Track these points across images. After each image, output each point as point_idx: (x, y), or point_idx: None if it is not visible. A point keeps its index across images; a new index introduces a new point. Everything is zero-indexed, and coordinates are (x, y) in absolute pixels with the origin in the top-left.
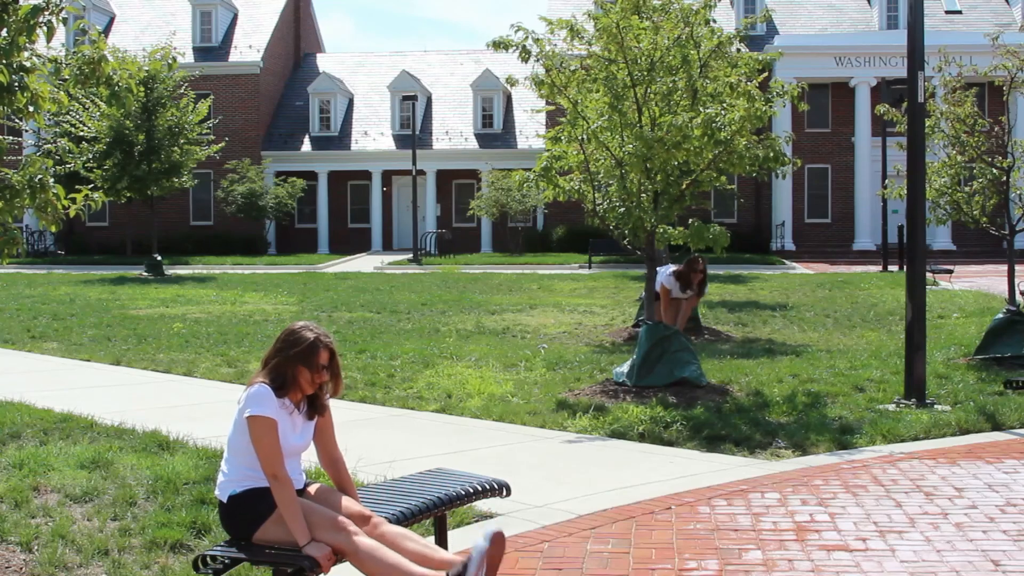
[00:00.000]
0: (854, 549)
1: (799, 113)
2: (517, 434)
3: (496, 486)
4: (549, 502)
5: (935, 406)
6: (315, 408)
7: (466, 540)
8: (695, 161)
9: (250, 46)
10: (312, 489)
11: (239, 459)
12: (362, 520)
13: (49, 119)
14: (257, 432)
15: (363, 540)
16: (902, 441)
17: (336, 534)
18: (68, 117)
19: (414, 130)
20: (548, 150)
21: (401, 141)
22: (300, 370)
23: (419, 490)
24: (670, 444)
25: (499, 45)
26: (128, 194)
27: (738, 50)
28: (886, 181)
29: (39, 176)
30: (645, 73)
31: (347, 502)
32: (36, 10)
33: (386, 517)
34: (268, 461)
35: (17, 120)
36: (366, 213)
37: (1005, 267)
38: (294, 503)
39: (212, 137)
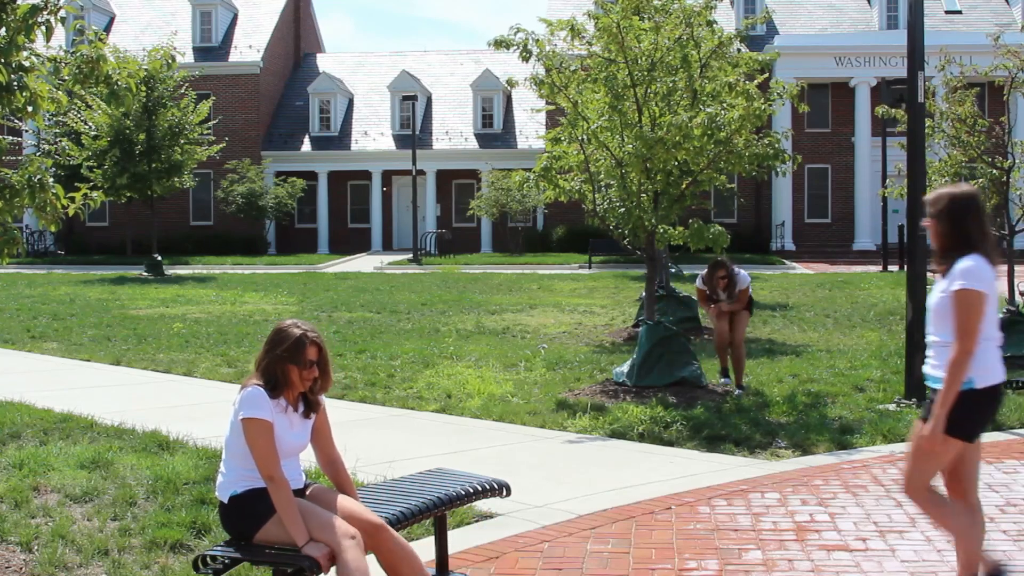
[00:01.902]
0: (854, 549)
1: (799, 113)
2: (517, 434)
3: (496, 486)
4: (549, 502)
5: None
6: (310, 406)
7: (466, 540)
8: (695, 161)
9: (250, 46)
10: (310, 490)
11: (237, 461)
12: (370, 527)
13: (49, 119)
14: (252, 435)
15: (351, 553)
16: (902, 441)
17: (332, 535)
18: (68, 116)
19: (414, 130)
20: (548, 151)
21: (401, 141)
22: (289, 368)
23: (419, 490)
24: (670, 444)
25: (500, 44)
26: (128, 194)
27: (738, 50)
28: (886, 181)
29: (39, 176)
30: (645, 73)
31: (350, 504)
32: (35, 9)
33: (386, 517)
34: (264, 463)
35: (16, 120)
36: (366, 213)
37: (1005, 267)
38: (291, 504)
39: (212, 137)
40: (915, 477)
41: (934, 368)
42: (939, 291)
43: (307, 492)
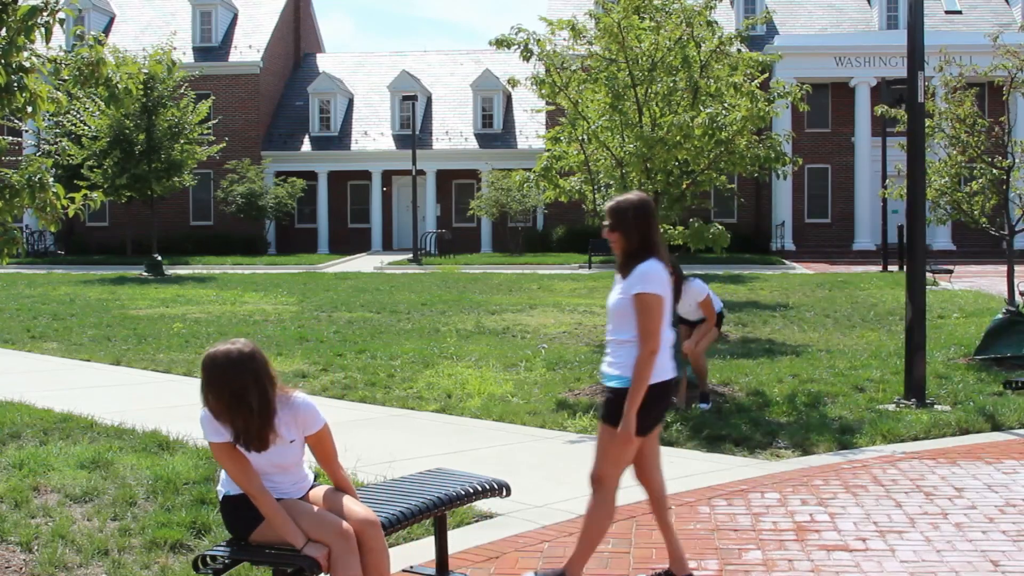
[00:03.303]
0: (854, 549)
1: (799, 113)
2: (517, 434)
3: (496, 486)
4: (549, 502)
5: (935, 406)
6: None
7: (466, 540)
8: (695, 161)
9: (250, 46)
10: (318, 492)
11: None
12: (362, 523)
13: (48, 119)
14: (216, 456)
15: (344, 557)
16: (902, 441)
17: (329, 535)
18: (68, 116)
19: (414, 130)
20: (548, 150)
21: (401, 141)
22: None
23: (419, 490)
24: (670, 444)
25: (501, 43)
26: (128, 194)
27: (738, 50)
28: (886, 181)
29: (39, 176)
30: (646, 73)
31: (350, 504)
32: (34, 11)
33: (387, 517)
34: (237, 482)
35: (16, 120)
36: (366, 213)
37: (1005, 267)
38: (278, 513)
39: (212, 137)
40: (609, 473)
41: (611, 366)
42: (618, 293)
43: (313, 493)
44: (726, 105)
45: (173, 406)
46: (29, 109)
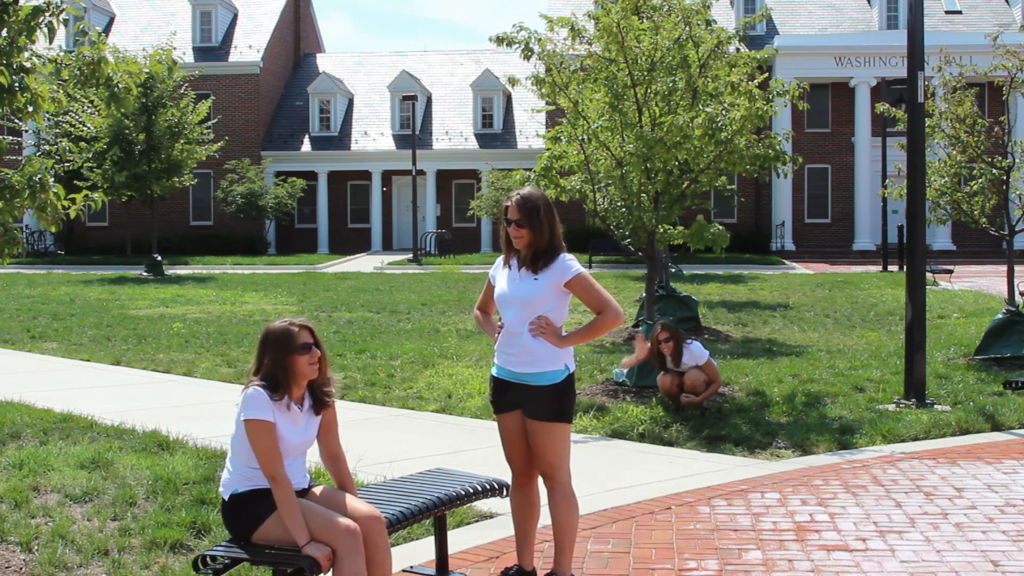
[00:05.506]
0: (854, 549)
1: (799, 113)
2: None
3: (496, 486)
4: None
5: (935, 406)
6: (320, 402)
7: (466, 540)
8: (695, 161)
9: (250, 46)
10: (317, 491)
11: (241, 460)
12: (366, 518)
13: (49, 119)
14: (254, 435)
15: (349, 557)
16: (902, 441)
17: (334, 535)
18: (68, 117)
19: (414, 130)
20: (548, 150)
21: (401, 141)
22: (291, 360)
23: (419, 490)
24: (670, 444)
25: (502, 40)
26: (128, 193)
27: (737, 50)
28: (886, 181)
29: (39, 176)
30: (645, 73)
31: (352, 501)
32: (36, 11)
33: (387, 517)
34: (266, 463)
35: (17, 120)
36: (366, 213)
37: (1005, 267)
38: (292, 504)
39: (212, 136)
40: (567, 467)
41: (530, 364)
42: (532, 281)
43: (313, 493)
44: (725, 105)
45: (173, 406)
46: (30, 109)
